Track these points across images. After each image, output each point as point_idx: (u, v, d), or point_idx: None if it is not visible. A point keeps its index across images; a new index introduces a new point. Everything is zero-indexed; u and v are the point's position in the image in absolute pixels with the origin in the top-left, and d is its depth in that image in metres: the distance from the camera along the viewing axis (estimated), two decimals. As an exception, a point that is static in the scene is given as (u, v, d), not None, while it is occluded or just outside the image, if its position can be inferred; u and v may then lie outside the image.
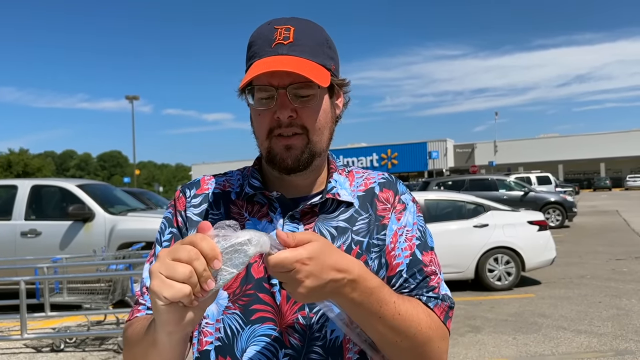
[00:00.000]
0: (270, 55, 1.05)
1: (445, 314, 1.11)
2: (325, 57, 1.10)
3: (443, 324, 1.10)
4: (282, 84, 1.05)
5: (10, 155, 73.77)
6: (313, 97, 1.07)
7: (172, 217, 1.20)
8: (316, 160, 1.13)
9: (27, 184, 8.62)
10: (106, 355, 5.65)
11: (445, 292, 1.14)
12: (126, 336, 1.08)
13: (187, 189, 1.23)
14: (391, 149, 58.89)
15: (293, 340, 1.07)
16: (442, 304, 1.11)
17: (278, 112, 1.06)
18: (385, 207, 1.18)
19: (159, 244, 1.19)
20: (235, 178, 1.24)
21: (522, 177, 23.05)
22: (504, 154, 58.74)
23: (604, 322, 6.31)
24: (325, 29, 1.15)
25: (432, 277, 1.13)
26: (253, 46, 1.10)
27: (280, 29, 1.07)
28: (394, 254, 1.14)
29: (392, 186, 1.22)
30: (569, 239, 14.49)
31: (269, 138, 1.10)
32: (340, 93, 1.18)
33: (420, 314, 1.05)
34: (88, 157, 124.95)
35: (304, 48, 1.06)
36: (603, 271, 9.59)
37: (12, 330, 6.76)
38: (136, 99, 41.32)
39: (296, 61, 1.04)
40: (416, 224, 1.19)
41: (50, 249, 7.91)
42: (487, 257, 8.44)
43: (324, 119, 1.11)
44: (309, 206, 1.14)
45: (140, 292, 1.16)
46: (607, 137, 57.35)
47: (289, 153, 1.09)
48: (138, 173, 58.33)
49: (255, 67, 1.04)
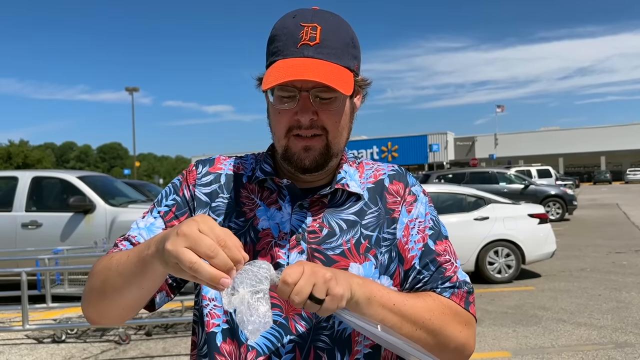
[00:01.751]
0: (296, 56, 1.03)
1: (465, 300, 1.11)
2: (350, 58, 1.08)
3: (465, 310, 1.10)
4: (305, 87, 1.04)
5: (10, 147, 73.70)
6: (335, 100, 1.06)
7: (180, 185, 1.20)
8: (333, 160, 1.12)
9: (27, 176, 8.61)
10: (107, 346, 5.67)
11: (463, 279, 1.14)
12: (95, 269, 1.07)
13: (201, 164, 1.22)
14: (392, 142, 58.89)
15: (299, 327, 1.07)
16: (459, 291, 1.12)
17: (299, 115, 1.05)
18: (396, 200, 1.18)
19: (158, 205, 1.19)
20: (249, 162, 1.24)
21: (523, 170, 23.03)
22: (504, 147, 58.70)
23: (603, 314, 6.33)
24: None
25: (446, 266, 1.13)
26: (276, 41, 1.07)
27: (307, 27, 1.05)
28: (408, 247, 1.14)
29: (402, 178, 1.21)
30: (569, 232, 14.51)
31: (287, 137, 1.09)
32: (360, 91, 1.17)
33: (430, 304, 1.06)
34: (88, 149, 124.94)
35: (330, 50, 1.04)
36: (603, 264, 9.60)
37: (13, 321, 6.77)
38: (136, 90, 41.27)
39: (322, 66, 1.02)
40: (429, 215, 1.18)
41: (51, 240, 7.91)
42: (487, 250, 8.45)
43: (344, 120, 1.11)
44: (317, 196, 1.13)
45: (122, 237, 1.15)
46: (608, 131, 57.31)
47: (307, 154, 1.08)
48: (138, 165, 58.33)
49: (279, 69, 1.02)
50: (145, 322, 6.01)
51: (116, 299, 1.02)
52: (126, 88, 41.21)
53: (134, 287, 0.98)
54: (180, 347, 5.54)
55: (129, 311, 1.06)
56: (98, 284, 1.05)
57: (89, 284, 1.09)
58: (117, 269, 0.99)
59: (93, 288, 1.07)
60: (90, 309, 1.09)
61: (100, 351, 5.54)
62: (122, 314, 1.06)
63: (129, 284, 0.98)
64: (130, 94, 41.21)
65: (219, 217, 1.15)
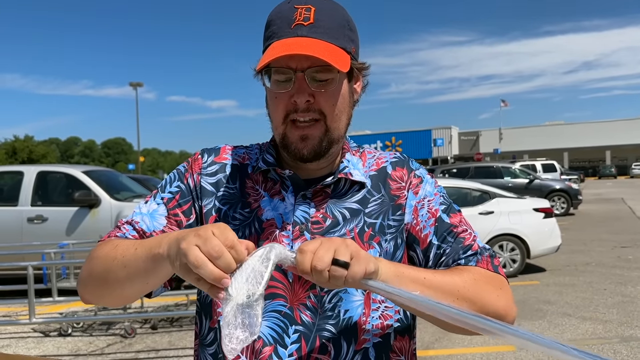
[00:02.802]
0: (290, 36, 1.03)
1: (492, 264, 1.10)
2: (346, 40, 1.07)
3: (495, 273, 1.09)
4: (301, 67, 1.03)
5: (15, 142, 74.01)
6: (332, 81, 1.05)
7: (184, 173, 1.19)
8: (333, 147, 1.11)
9: (33, 170, 8.64)
10: (113, 340, 5.70)
11: (483, 246, 1.13)
12: (97, 256, 1.06)
13: (207, 153, 1.22)
14: (395, 137, 58.83)
15: (304, 316, 1.07)
16: (482, 257, 1.11)
17: (295, 96, 1.04)
18: (400, 186, 1.18)
19: (162, 191, 1.18)
20: (254, 152, 1.23)
21: (527, 165, 22.94)
22: (509, 141, 58.59)
23: (609, 309, 6.32)
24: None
25: (464, 235, 1.13)
26: (272, 25, 1.07)
27: (300, 8, 1.04)
28: (420, 227, 1.13)
29: (405, 164, 1.22)
30: (574, 226, 14.47)
31: (284, 123, 1.08)
32: (359, 77, 1.16)
33: (455, 278, 1.03)
34: (92, 144, 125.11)
35: (325, 30, 1.04)
36: (608, 258, 9.58)
37: (20, 314, 6.81)
38: (140, 85, 41.33)
39: (316, 44, 1.01)
40: (437, 194, 1.18)
41: (57, 234, 7.94)
42: (492, 244, 8.42)
43: (342, 104, 1.09)
44: (320, 186, 1.13)
45: (125, 221, 1.15)
46: (613, 125, 57.13)
47: (305, 143, 1.07)
48: (142, 160, 58.43)
49: (273, 49, 1.02)
50: (150, 315, 6.03)
51: (117, 289, 1.03)
52: (130, 83, 41.33)
53: (138, 282, 0.98)
54: (186, 340, 5.56)
55: (127, 300, 1.07)
56: (99, 271, 1.04)
57: (89, 268, 1.08)
58: (122, 261, 0.99)
59: (93, 274, 1.06)
60: (88, 293, 1.09)
61: (106, 344, 5.57)
62: (119, 302, 1.08)
63: (134, 278, 0.98)
64: (134, 89, 41.30)
65: (225, 206, 1.15)
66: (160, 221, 1.13)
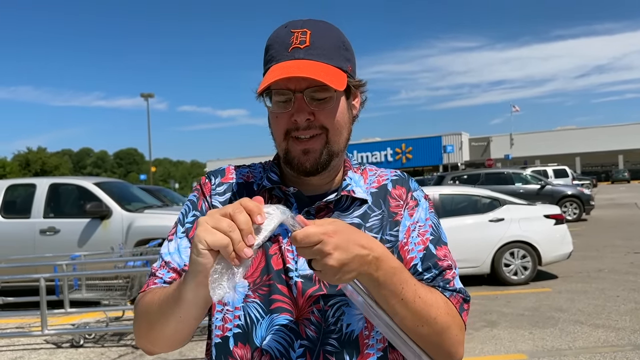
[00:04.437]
0: (288, 59, 1.08)
1: (461, 306, 1.14)
2: (342, 59, 1.12)
3: (459, 314, 1.12)
4: (299, 88, 1.08)
5: (28, 154, 74.78)
6: (329, 99, 1.10)
7: (197, 201, 1.23)
8: (334, 160, 1.15)
9: (45, 183, 8.75)
10: (125, 351, 5.73)
11: (461, 286, 1.17)
12: (140, 304, 1.12)
13: (213, 176, 1.26)
14: (405, 143, 58.62)
15: (309, 331, 1.09)
16: (457, 295, 1.14)
17: (295, 116, 1.09)
18: (398, 204, 1.21)
19: (181, 225, 1.21)
20: (258, 170, 1.28)
21: (539, 171, 22.80)
22: (520, 147, 58.20)
23: (621, 316, 6.25)
24: (339, 24, 1.17)
25: (447, 271, 1.16)
26: (270, 50, 1.12)
27: (296, 32, 1.10)
28: (407, 248, 1.16)
29: (405, 183, 1.25)
30: (586, 232, 14.35)
31: (286, 139, 1.13)
32: (357, 93, 1.20)
33: (439, 300, 1.08)
34: (104, 155, 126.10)
35: (321, 51, 1.09)
36: (621, 265, 9.49)
37: (32, 326, 6.87)
38: (151, 96, 41.54)
39: (312, 65, 1.06)
40: (429, 220, 1.21)
41: (69, 246, 8.02)
42: (503, 252, 8.39)
43: (341, 119, 1.14)
44: (324, 203, 1.16)
45: (157, 266, 1.18)
46: (626, 129, 56.54)
47: (307, 157, 1.12)
48: (154, 170, 58.78)
49: (272, 72, 1.07)
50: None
51: (157, 330, 1.06)
52: (141, 94, 41.51)
53: (172, 318, 1.01)
54: (197, 350, 5.58)
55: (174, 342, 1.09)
56: (142, 318, 1.10)
57: (135, 319, 1.14)
58: (157, 301, 1.04)
59: (139, 322, 1.12)
60: (143, 344, 1.13)
61: (117, 355, 5.61)
62: (167, 344, 1.09)
63: (167, 313, 1.01)
64: (146, 100, 41.52)
65: None
66: (187, 254, 1.16)
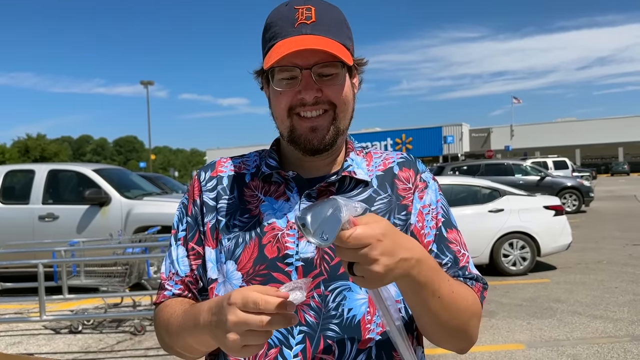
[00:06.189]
0: (295, 34, 1.05)
1: (481, 294, 1.13)
2: (346, 37, 1.11)
3: (480, 303, 1.12)
4: (307, 64, 1.05)
5: (27, 140, 74.76)
6: (337, 76, 1.08)
7: (187, 204, 1.22)
8: (339, 138, 1.14)
9: (44, 169, 8.72)
10: (123, 337, 5.74)
11: (477, 273, 1.16)
12: (161, 320, 1.14)
13: (203, 171, 1.24)
14: (406, 134, 58.56)
15: (308, 317, 1.07)
16: (477, 284, 1.13)
17: (303, 93, 1.07)
18: (406, 187, 1.18)
19: (177, 231, 1.22)
20: (252, 159, 1.25)
21: (539, 162, 22.80)
22: (520, 138, 58.14)
23: (620, 307, 6.26)
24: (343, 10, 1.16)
25: (459, 256, 1.14)
26: (273, 27, 1.09)
27: (301, 8, 1.07)
28: (424, 232, 1.14)
29: (412, 165, 1.22)
30: (586, 224, 14.36)
31: (289, 117, 1.10)
32: (356, 73, 1.18)
33: (467, 291, 1.08)
34: (104, 142, 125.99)
35: (327, 27, 1.07)
36: (620, 256, 9.50)
37: (31, 312, 6.88)
38: (151, 84, 41.35)
39: (322, 40, 1.05)
40: (439, 202, 1.19)
41: (68, 232, 8.01)
42: (502, 242, 8.40)
43: (348, 95, 1.12)
44: (325, 184, 1.14)
45: (165, 275, 1.20)
46: (626, 121, 56.46)
47: (315, 134, 1.09)
48: (154, 158, 58.76)
49: (280, 47, 1.04)
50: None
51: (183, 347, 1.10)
52: (141, 82, 41.31)
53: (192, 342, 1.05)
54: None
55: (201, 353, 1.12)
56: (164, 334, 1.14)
57: (158, 333, 1.18)
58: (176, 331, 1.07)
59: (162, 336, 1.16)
60: (170, 351, 1.16)
61: (116, 342, 5.61)
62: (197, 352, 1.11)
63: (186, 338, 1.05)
64: (146, 88, 41.34)
65: (224, 217, 1.16)
66: (185, 263, 1.19)
